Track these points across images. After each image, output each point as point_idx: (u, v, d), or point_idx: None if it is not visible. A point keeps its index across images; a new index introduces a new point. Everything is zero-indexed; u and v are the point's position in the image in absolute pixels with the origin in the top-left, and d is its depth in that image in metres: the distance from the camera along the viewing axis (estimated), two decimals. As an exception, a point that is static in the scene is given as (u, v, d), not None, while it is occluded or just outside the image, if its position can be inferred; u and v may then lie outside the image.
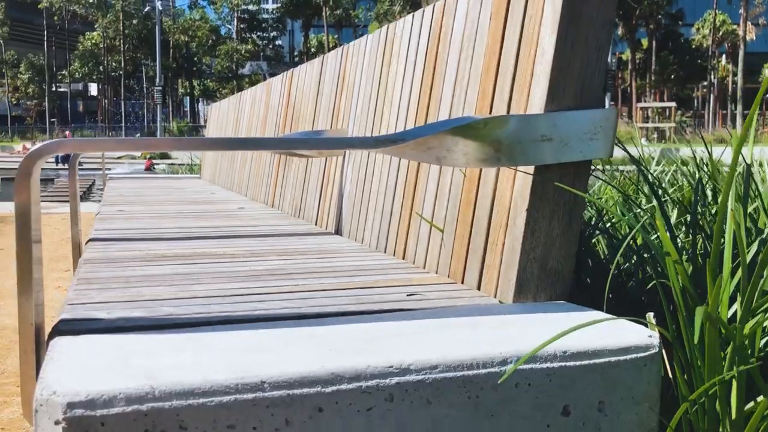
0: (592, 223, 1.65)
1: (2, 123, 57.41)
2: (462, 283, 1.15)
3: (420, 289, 1.10)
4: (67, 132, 28.15)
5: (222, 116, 3.94)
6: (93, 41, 52.10)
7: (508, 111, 1.07)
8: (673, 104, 32.64)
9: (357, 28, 50.73)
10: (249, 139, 0.98)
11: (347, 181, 1.76)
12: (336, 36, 59.10)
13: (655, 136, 29.14)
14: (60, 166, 25.60)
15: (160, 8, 31.48)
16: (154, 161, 25.00)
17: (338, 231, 1.82)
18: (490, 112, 1.12)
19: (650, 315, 0.89)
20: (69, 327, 0.83)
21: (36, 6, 48.77)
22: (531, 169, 1.00)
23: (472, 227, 1.13)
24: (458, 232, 1.18)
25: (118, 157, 30.93)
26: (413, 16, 1.52)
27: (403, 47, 1.54)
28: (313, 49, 55.05)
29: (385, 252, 1.49)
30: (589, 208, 1.71)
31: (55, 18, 47.73)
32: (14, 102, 61.91)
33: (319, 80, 2.13)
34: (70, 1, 45.77)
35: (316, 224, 2.00)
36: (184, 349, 0.75)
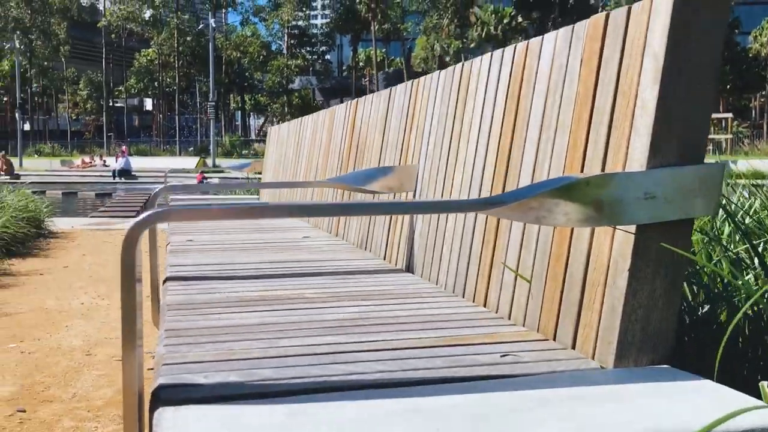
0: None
1: (63, 137, 59.54)
2: (554, 340, 1.11)
3: (512, 348, 1.06)
4: (123, 147, 28.94)
5: (282, 140, 3.98)
6: (148, 58, 53.70)
7: (604, 164, 1.04)
8: (729, 115, 31.74)
9: (405, 41, 51.02)
10: (362, 204, 0.98)
11: (418, 217, 1.75)
12: (384, 50, 59.52)
13: (710, 147, 28.36)
14: (118, 179, 26.31)
15: (214, 25, 32.22)
16: (206, 175, 25.52)
17: (409, 268, 1.79)
18: (583, 163, 1.09)
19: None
20: (169, 395, 0.83)
21: (95, 25, 50.57)
22: (632, 227, 0.96)
23: (565, 282, 1.10)
24: (548, 285, 1.14)
25: (173, 171, 31.69)
26: (491, 54, 1.50)
27: (480, 86, 1.51)
28: (361, 63, 55.56)
29: (463, 296, 1.46)
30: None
31: (113, 36, 49.35)
32: (74, 117, 64.20)
33: (387, 113, 2.12)
34: (127, 20, 47.29)
35: (384, 259, 1.98)
36: (289, 428, 0.73)
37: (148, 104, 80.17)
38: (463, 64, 1.64)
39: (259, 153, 43.39)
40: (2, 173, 27.35)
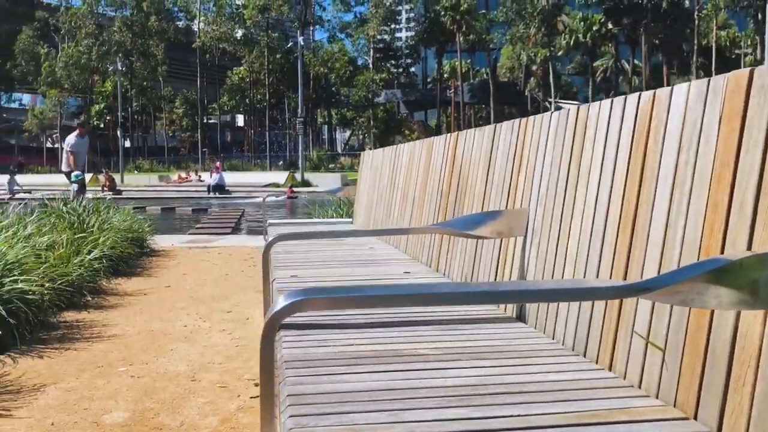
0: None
1: (160, 154, 62.59)
2: (695, 419, 1.03)
3: (651, 428, 1.00)
4: (217, 163, 30.10)
5: (376, 167, 3.99)
6: (240, 75, 55.72)
7: (752, 232, 0.96)
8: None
9: (491, 51, 50.63)
10: (480, 291, 0.94)
11: (530, 264, 1.69)
12: (469, 60, 59.30)
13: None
14: (212, 194, 27.33)
15: (302, 43, 33.05)
16: (295, 189, 26.12)
17: (522, 317, 1.73)
18: (726, 229, 1.01)
19: None
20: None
21: (190, 45, 52.94)
22: (790, 309, 0.88)
23: (706, 357, 1.02)
24: (686, 358, 1.07)
25: (264, 186, 32.64)
26: (612, 101, 1.43)
27: (600, 133, 1.45)
28: (445, 75, 55.57)
29: (584, 355, 1.39)
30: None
31: (207, 56, 51.52)
32: (171, 134, 67.34)
33: (491, 151, 2.08)
34: (219, 40, 49.26)
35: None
36: None
37: (240, 120, 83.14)
38: (578, 108, 1.58)
39: (345, 167, 44.01)
40: (106, 189, 29.01)
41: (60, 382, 3.12)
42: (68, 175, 12.59)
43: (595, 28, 45.99)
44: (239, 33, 50.96)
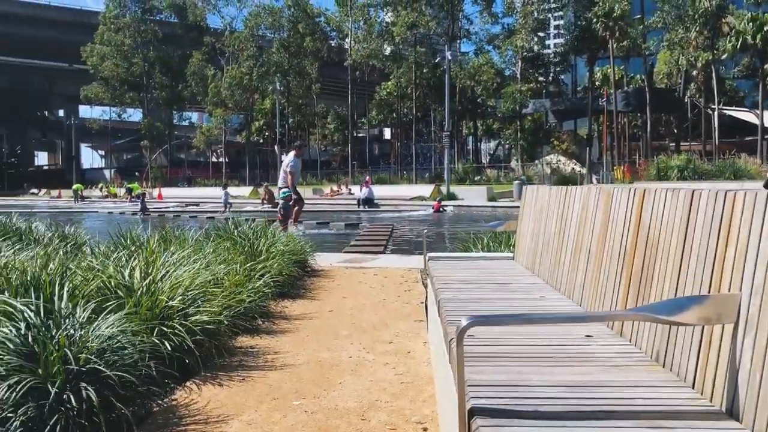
0: None
1: (313, 167, 65.50)
2: None
3: None
4: (367, 177, 30.99)
5: (542, 207, 3.88)
6: (387, 90, 57.07)
7: None
8: None
9: (647, 57, 48.06)
10: None
11: (744, 355, 1.54)
12: (622, 67, 56.67)
13: None
14: (362, 207, 28.15)
15: (450, 57, 33.23)
16: (444, 203, 26.24)
17: (732, 412, 1.53)
18: None
19: None
20: None
21: (342, 63, 55.00)
22: None
23: None
24: None
25: (410, 199, 33.12)
26: None
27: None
28: (597, 83, 53.48)
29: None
30: None
31: (357, 73, 53.23)
32: (323, 149, 70.30)
33: (688, 217, 1.94)
34: (369, 57, 50.73)
35: (693, 387, 1.73)
36: None
37: (387, 133, 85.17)
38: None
39: (491, 179, 43.57)
40: (265, 201, 30.78)
41: (241, 415, 3.31)
42: (280, 189, 13.78)
43: (766, 28, 42.29)
44: (388, 50, 52.24)
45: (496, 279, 3.60)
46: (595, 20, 42.75)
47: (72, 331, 3.15)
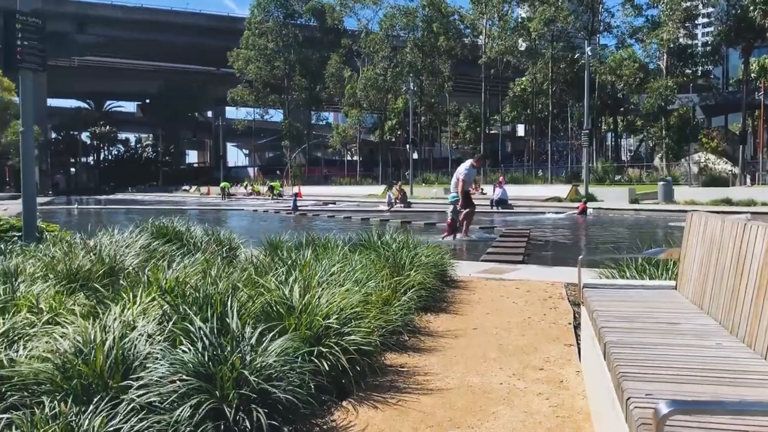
0: None
1: (444, 165, 65.59)
2: None
3: None
4: (501, 178, 30.56)
5: (712, 239, 3.63)
6: (522, 86, 55.96)
7: None
8: None
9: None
10: None
11: None
12: (783, 56, 51.95)
13: None
14: (495, 209, 27.74)
15: (590, 53, 31.97)
16: (588, 204, 25.27)
17: None
18: None
19: None
20: None
21: (474, 60, 54.59)
22: None
23: None
24: None
25: (546, 200, 32.25)
26: None
27: None
28: (753, 75, 49.40)
29: None
30: None
31: (492, 70, 52.63)
32: (454, 147, 70.19)
33: None
34: (504, 53, 49.96)
35: None
36: None
37: (520, 130, 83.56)
38: None
39: (633, 179, 41.45)
40: (398, 201, 31.22)
41: (399, 442, 3.37)
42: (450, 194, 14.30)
43: None
44: (523, 45, 51.21)
45: (661, 317, 3.42)
46: (752, 7, 39.47)
47: (244, 353, 3.34)
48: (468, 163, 14.33)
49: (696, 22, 45.17)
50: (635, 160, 61.40)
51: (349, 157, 78.79)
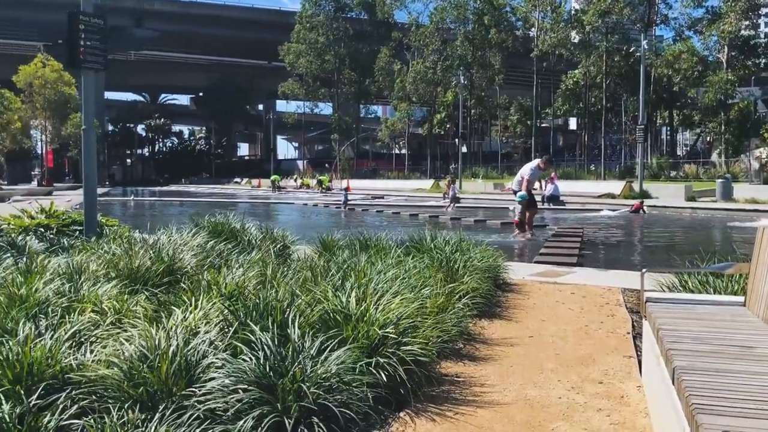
0: None
1: (493, 158, 65.00)
2: None
3: None
4: (552, 173, 30.01)
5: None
6: (574, 79, 54.91)
7: None
8: None
9: None
10: None
11: None
12: None
13: None
14: (546, 204, 27.25)
15: (646, 47, 31.12)
16: (645, 203, 24.57)
17: None
18: None
19: None
20: None
21: (526, 53, 53.79)
22: None
23: None
24: None
25: (599, 196, 31.61)
26: None
27: None
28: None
29: None
30: None
31: (544, 63, 51.80)
32: (504, 141, 69.45)
33: None
34: (557, 46, 49.10)
35: None
36: None
37: (572, 123, 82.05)
38: None
39: (689, 175, 40.28)
40: (446, 196, 31.01)
41: (458, 459, 3.34)
42: (515, 192, 14.37)
43: None
44: (576, 38, 50.22)
45: (733, 338, 3.30)
46: (820, -3, 37.79)
47: (304, 364, 3.36)
48: (534, 163, 14.37)
49: (759, 12, 43.36)
50: (692, 156, 59.66)
51: (397, 150, 78.78)
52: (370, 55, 66.02)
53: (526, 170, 14.19)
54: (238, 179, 77.89)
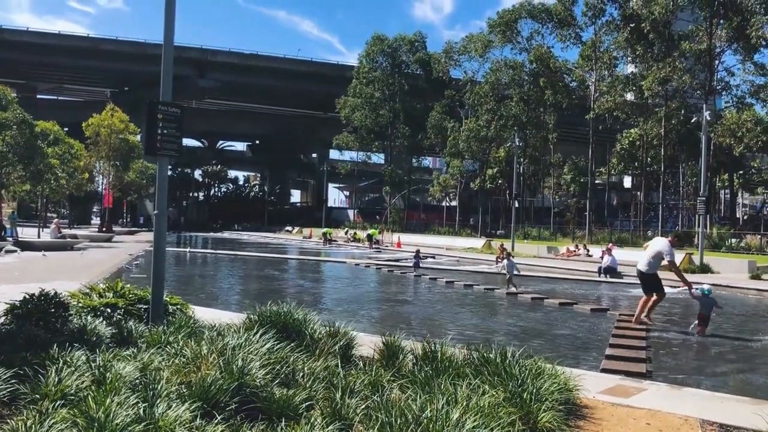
0: None
1: (545, 215, 64.27)
2: None
3: None
4: (610, 245, 29.27)
5: None
6: (630, 139, 54.26)
7: None
8: None
9: None
10: None
11: None
12: None
13: None
14: (603, 277, 26.42)
15: (708, 118, 30.56)
16: (702, 275, 23.25)
17: None
18: None
19: None
20: None
21: (583, 112, 53.46)
22: None
23: None
24: None
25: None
26: None
27: None
28: None
29: None
30: None
31: (600, 126, 51.41)
32: (556, 198, 68.70)
33: None
34: (614, 109, 48.69)
35: None
36: None
37: (627, 181, 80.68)
38: None
39: (752, 247, 38.71)
40: (499, 261, 30.54)
41: None
42: (642, 274, 12.87)
43: None
44: (633, 99, 49.79)
45: None
46: None
47: None
48: (666, 242, 13.19)
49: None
50: (752, 221, 57.75)
51: (446, 202, 78.73)
52: (424, 111, 66.76)
53: (665, 249, 12.50)
54: (289, 228, 78.78)
